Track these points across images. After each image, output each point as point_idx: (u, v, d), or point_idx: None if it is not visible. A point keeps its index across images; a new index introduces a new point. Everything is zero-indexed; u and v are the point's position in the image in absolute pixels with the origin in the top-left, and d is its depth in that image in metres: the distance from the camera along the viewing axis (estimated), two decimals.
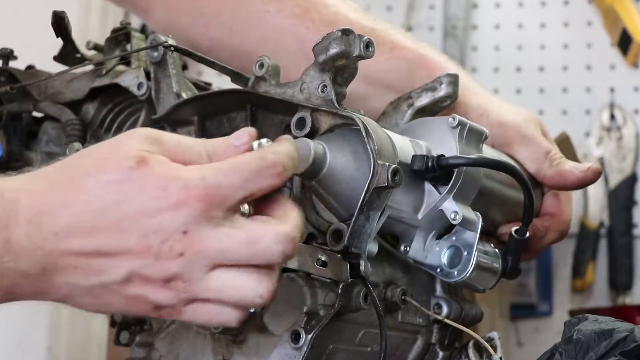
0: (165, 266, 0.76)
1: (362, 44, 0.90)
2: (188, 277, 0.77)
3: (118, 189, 0.76)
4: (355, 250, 0.87)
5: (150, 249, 0.76)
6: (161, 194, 0.76)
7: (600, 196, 2.23)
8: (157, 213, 0.76)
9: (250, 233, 0.77)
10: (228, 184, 0.77)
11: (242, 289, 0.78)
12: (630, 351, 0.82)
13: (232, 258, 0.77)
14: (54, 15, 1.09)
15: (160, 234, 0.76)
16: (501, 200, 1.01)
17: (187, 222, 0.76)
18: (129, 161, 0.77)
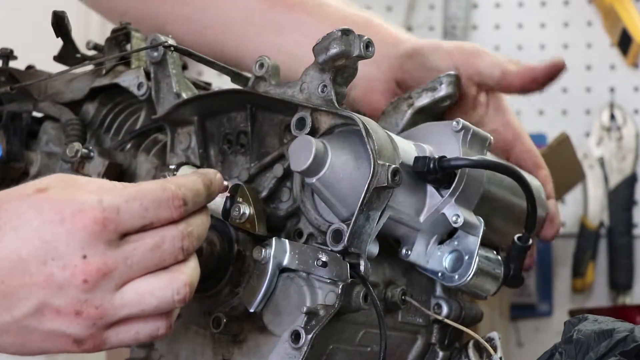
0: (71, 294, 0.75)
1: (362, 44, 0.91)
2: (99, 302, 0.75)
3: (14, 215, 0.75)
4: (355, 251, 0.87)
5: (52, 277, 0.74)
6: (56, 217, 0.75)
7: (600, 196, 2.23)
8: (53, 238, 0.75)
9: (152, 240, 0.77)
10: (126, 210, 0.76)
11: (158, 292, 0.77)
12: (630, 351, 0.82)
13: (139, 269, 0.76)
14: (54, 15, 1.09)
15: (59, 260, 0.74)
16: (504, 207, 1.00)
17: (84, 246, 0.74)
18: (28, 190, 0.77)
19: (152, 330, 0.79)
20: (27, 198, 0.76)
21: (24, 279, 0.75)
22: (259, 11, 1.18)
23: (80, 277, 0.74)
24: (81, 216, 0.75)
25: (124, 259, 0.76)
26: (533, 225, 0.96)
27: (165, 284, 0.78)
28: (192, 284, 0.79)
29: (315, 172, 0.87)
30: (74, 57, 1.15)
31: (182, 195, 0.79)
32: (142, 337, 0.79)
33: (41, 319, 0.76)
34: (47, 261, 0.75)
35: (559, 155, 1.73)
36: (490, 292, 0.96)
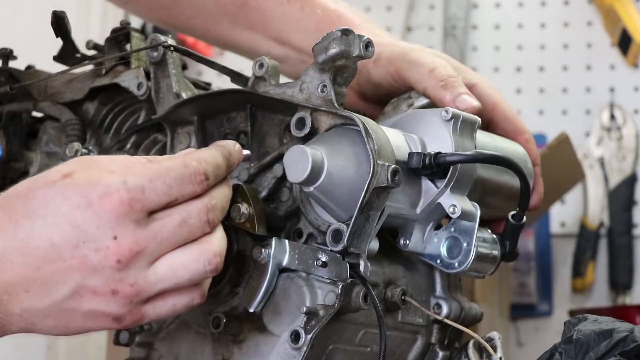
0: (105, 275, 0.77)
1: (362, 44, 0.90)
2: (133, 280, 0.77)
3: (42, 204, 0.77)
4: (355, 251, 0.87)
5: (86, 259, 0.76)
6: (83, 201, 0.76)
7: (600, 196, 2.23)
8: (83, 222, 0.76)
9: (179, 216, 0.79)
10: (151, 189, 0.78)
11: (190, 265, 0.79)
12: (630, 351, 0.82)
13: (169, 245, 0.79)
14: (54, 15, 1.09)
15: (90, 242, 0.76)
16: (496, 186, 1.01)
17: (113, 227, 0.76)
18: (54, 177, 0.78)
19: (187, 301, 0.81)
20: (53, 185, 0.78)
21: (59, 264, 0.76)
22: (233, 6, 1.18)
23: (114, 258, 0.76)
24: (108, 199, 0.76)
25: (153, 236, 0.78)
26: (526, 204, 0.96)
27: (197, 257, 0.80)
28: (221, 253, 0.81)
29: (313, 182, 0.87)
30: (74, 57, 1.15)
31: (204, 170, 0.81)
32: (179, 308, 0.81)
33: (79, 301, 0.77)
34: (79, 245, 0.76)
35: (559, 155, 1.72)
36: (488, 272, 0.96)
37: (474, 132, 0.96)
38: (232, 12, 1.18)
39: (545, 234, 2.25)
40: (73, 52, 1.15)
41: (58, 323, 0.79)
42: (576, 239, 2.23)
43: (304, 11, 1.14)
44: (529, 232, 2.22)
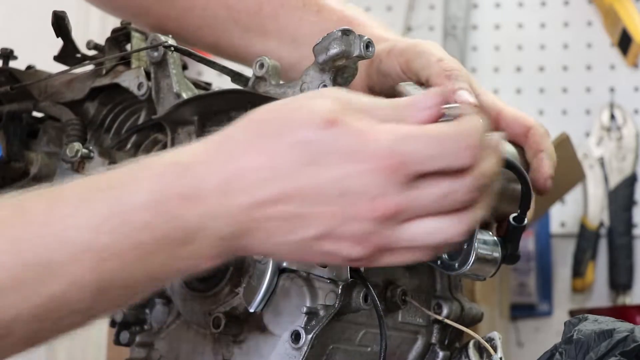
0: (361, 226, 0.77)
1: (363, 44, 0.90)
2: (385, 235, 0.77)
3: (312, 148, 0.77)
4: None
5: (348, 208, 0.76)
6: (352, 157, 0.76)
7: (600, 196, 2.23)
8: (353, 174, 0.76)
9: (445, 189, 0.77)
10: (420, 152, 0.76)
11: (446, 229, 0.78)
12: (630, 351, 0.82)
13: (427, 211, 0.78)
14: (54, 15, 1.09)
15: (351, 197, 0.76)
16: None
17: (382, 184, 0.76)
18: (317, 122, 0.77)
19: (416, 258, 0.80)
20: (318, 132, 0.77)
21: (320, 207, 0.76)
22: (246, 14, 1.18)
23: (375, 213, 0.76)
24: (381, 157, 0.76)
25: (413, 200, 0.77)
26: (527, 205, 0.96)
27: (455, 222, 0.78)
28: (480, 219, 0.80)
29: None
30: (74, 57, 1.15)
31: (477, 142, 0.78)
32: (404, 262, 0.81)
33: (325, 243, 0.78)
34: (346, 194, 0.76)
35: (559, 155, 1.72)
36: (489, 274, 0.96)
37: None
38: (245, 20, 1.18)
39: (545, 234, 2.25)
40: (73, 52, 1.15)
41: (294, 256, 0.81)
42: (576, 239, 2.23)
43: (321, 14, 1.14)
44: (529, 232, 2.22)
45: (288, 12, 1.15)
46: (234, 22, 1.17)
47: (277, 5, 1.16)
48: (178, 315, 1.00)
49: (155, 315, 1.03)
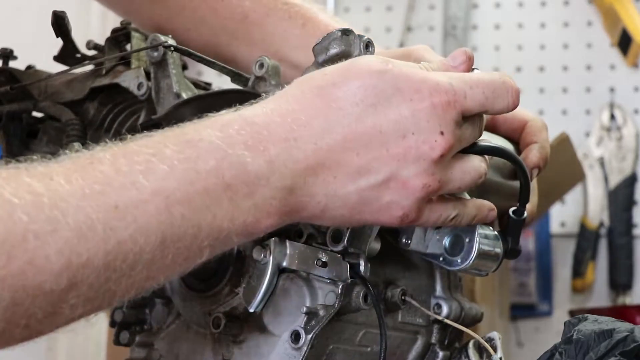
0: (424, 167, 0.79)
1: (362, 44, 0.90)
2: (441, 176, 0.80)
3: (371, 93, 0.79)
4: (355, 251, 0.87)
5: (410, 150, 0.78)
6: (416, 95, 0.79)
7: (600, 196, 2.24)
8: (413, 114, 0.78)
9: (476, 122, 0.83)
10: (472, 95, 0.81)
11: (473, 172, 0.83)
12: (630, 351, 0.82)
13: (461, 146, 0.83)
14: (54, 15, 1.09)
15: (419, 134, 0.78)
16: (495, 185, 1.01)
17: (441, 123, 0.79)
18: (375, 66, 0.80)
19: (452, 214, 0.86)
20: (378, 74, 0.79)
21: (381, 151, 0.78)
22: (232, 21, 1.18)
23: (439, 152, 0.79)
24: (438, 96, 0.79)
25: (460, 137, 0.81)
26: (526, 198, 0.96)
27: (477, 165, 0.84)
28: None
29: None
30: (74, 57, 1.15)
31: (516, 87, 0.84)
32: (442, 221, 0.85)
33: (384, 192, 0.79)
34: (407, 135, 0.78)
35: (559, 155, 1.73)
36: (491, 269, 0.96)
37: None
38: (232, 27, 1.18)
39: (545, 234, 2.26)
40: (73, 52, 1.15)
41: (352, 212, 0.80)
42: (576, 239, 2.24)
43: (305, 28, 1.14)
44: (529, 232, 2.22)
45: (274, 22, 1.16)
46: (221, 28, 1.17)
47: (262, 14, 1.16)
48: (178, 315, 1.00)
49: (155, 315, 1.03)
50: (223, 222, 0.75)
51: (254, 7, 1.17)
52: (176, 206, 0.72)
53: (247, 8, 1.17)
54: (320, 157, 0.78)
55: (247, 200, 0.76)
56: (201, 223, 0.74)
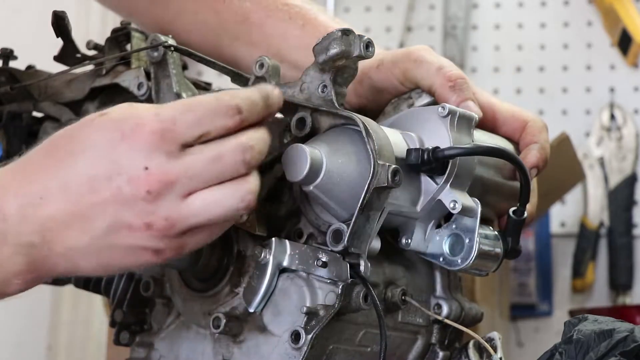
0: (138, 207, 0.78)
1: (362, 44, 0.91)
2: (166, 213, 0.79)
3: (77, 142, 0.80)
4: (356, 251, 0.87)
5: (119, 191, 0.78)
6: (116, 134, 0.79)
7: (600, 196, 2.24)
8: (116, 155, 0.79)
9: (212, 152, 0.80)
10: (182, 120, 0.79)
11: (223, 201, 0.80)
12: (630, 351, 0.82)
13: (201, 180, 0.79)
14: (54, 15, 1.09)
15: (123, 174, 0.78)
16: (495, 185, 1.01)
17: (145, 157, 0.78)
18: (92, 116, 0.81)
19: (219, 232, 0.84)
20: (91, 122, 0.81)
21: (95, 197, 0.79)
22: (233, 22, 1.18)
23: (144, 188, 0.78)
24: (140, 130, 0.78)
25: (185, 170, 0.79)
26: (526, 198, 0.96)
27: (230, 193, 0.80)
28: (255, 192, 0.82)
29: (312, 180, 0.87)
30: (74, 57, 1.15)
31: (236, 104, 0.81)
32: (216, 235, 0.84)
33: (117, 236, 0.80)
34: (113, 177, 0.79)
35: (559, 155, 1.73)
36: (491, 269, 0.96)
37: (471, 128, 0.96)
38: (233, 28, 1.18)
39: (545, 234, 2.26)
40: (73, 52, 1.15)
41: (100, 261, 0.81)
42: (576, 239, 2.23)
43: (305, 29, 1.14)
44: (529, 232, 2.22)
45: (274, 23, 1.16)
46: (222, 29, 1.18)
47: (263, 15, 1.16)
48: (178, 315, 1.00)
49: (155, 315, 1.03)
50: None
51: (254, 9, 1.17)
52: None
53: (247, 9, 1.17)
54: (47, 211, 0.80)
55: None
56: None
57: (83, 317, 2.06)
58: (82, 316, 2.06)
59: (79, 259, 0.81)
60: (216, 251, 0.95)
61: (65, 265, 0.82)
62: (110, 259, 0.81)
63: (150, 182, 0.78)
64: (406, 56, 1.04)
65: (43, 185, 0.80)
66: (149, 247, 0.80)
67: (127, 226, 0.79)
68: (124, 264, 0.82)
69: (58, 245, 0.80)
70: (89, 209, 0.79)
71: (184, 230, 0.80)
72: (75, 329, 2.06)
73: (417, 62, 1.03)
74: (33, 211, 0.80)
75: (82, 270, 0.83)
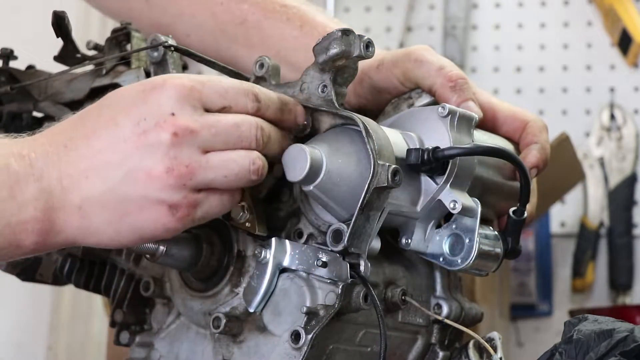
0: (161, 151, 0.81)
1: (362, 44, 0.91)
2: (187, 161, 0.82)
3: (106, 100, 0.85)
4: (356, 251, 0.87)
5: (144, 135, 0.81)
6: (148, 86, 0.84)
7: (600, 196, 2.24)
8: (145, 102, 0.82)
9: (233, 119, 0.85)
10: (210, 86, 0.85)
11: (238, 160, 0.84)
12: (630, 351, 0.82)
13: (221, 140, 0.84)
14: (54, 15, 1.09)
15: (150, 119, 0.82)
16: (495, 185, 1.01)
17: (174, 105, 0.82)
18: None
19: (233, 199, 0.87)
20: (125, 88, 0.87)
21: (119, 144, 0.82)
22: (231, 25, 1.19)
23: (170, 130, 0.81)
24: (171, 81, 0.83)
25: (208, 126, 0.83)
26: (526, 198, 0.96)
27: (243, 154, 0.85)
28: (264, 163, 0.86)
29: (312, 180, 0.87)
30: (74, 57, 1.15)
31: (255, 92, 0.87)
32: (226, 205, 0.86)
33: (134, 185, 0.81)
34: (140, 122, 0.82)
35: (559, 155, 1.73)
36: (491, 269, 0.96)
37: (471, 128, 0.96)
38: (231, 31, 1.19)
39: (545, 234, 2.26)
40: (73, 52, 1.15)
41: (113, 217, 0.82)
42: (576, 239, 2.23)
43: (303, 29, 1.14)
44: (529, 232, 2.22)
45: (272, 24, 1.16)
46: (220, 32, 1.18)
47: (260, 17, 1.17)
48: (178, 315, 1.00)
49: (155, 315, 1.03)
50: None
51: (252, 10, 1.17)
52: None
53: (245, 11, 1.17)
54: (69, 160, 0.82)
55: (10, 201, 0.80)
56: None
57: (83, 317, 2.06)
58: (82, 316, 2.06)
59: (92, 213, 0.82)
60: (216, 251, 0.95)
61: (77, 222, 0.82)
62: (124, 214, 0.82)
63: (177, 125, 0.81)
64: (406, 56, 1.04)
65: (69, 136, 0.83)
66: (165, 200, 0.81)
67: (146, 172, 0.81)
68: (138, 224, 0.83)
69: (74, 195, 0.82)
70: (111, 156, 0.81)
71: (201, 183, 0.83)
72: (75, 329, 2.05)
73: (418, 62, 1.03)
74: (57, 158, 0.82)
75: (94, 230, 0.83)
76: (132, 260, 1.05)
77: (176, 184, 0.82)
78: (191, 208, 0.83)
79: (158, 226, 0.83)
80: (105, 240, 0.84)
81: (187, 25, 1.20)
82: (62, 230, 0.83)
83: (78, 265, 1.07)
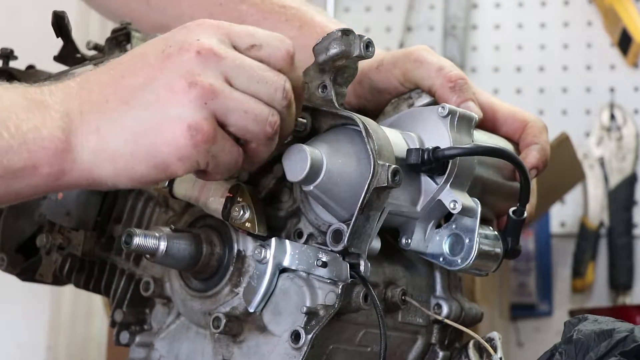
0: (185, 67, 0.81)
1: (362, 44, 0.91)
2: (212, 80, 0.81)
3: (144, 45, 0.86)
4: (356, 251, 0.87)
5: (169, 57, 0.82)
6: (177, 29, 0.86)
7: (600, 196, 2.24)
8: (172, 35, 0.84)
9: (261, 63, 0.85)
10: (240, 27, 0.86)
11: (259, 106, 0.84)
12: (630, 351, 0.82)
13: (246, 76, 0.83)
14: (54, 15, 1.09)
15: (175, 45, 0.83)
16: (495, 185, 1.01)
17: (199, 34, 0.83)
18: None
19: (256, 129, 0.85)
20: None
21: (143, 69, 0.83)
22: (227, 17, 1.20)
23: (195, 49, 0.82)
24: (201, 22, 0.85)
25: (233, 58, 0.83)
26: (526, 198, 0.96)
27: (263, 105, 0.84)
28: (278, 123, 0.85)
29: (312, 180, 0.87)
30: (74, 57, 1.15)
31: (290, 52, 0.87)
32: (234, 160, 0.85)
33: (156, 103, 0.81)
34: (165, 49, 0.83)
35: (559, 155, 1.73)
36: (491, 269, 0.96)
37: (471, 128, 0.96)
38: None
39: (545, 234, 2.26)
40: (73, 52, 1.15)
41: (131, 137, 0.81)
42: (576, 239, 2.24)
43: (302, 30, 1.14)
44: (529, 232, 2.22)
45: (271, 25, 1.16)
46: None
47: (259, 18, 1.17)
48: (178, 315, 1.00)
49: (155, 315, 1.03)
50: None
51: (250, 11, 1.17)
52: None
53: (244, 12, 1.17)
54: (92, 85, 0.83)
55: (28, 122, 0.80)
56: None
57: (83, 317, 2.06)
58: (82, 316, 2.06)
59: (110, 134, 0.81)
60: (216, 251, 0.95)
61: (94, 145, 0.81)
62: (141, 135, 0.81)
63: (201, 46, 0.82)
64: (406, 56, 1.04)
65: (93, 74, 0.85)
66: (185, 117, 0.80)
67: (169, 88, 0.81)
68: (154, 146, 0.81)
69: (93, 116, 0.81)
70: (134, 79, 0.82)
71: (222, 109, 0.82)
72: (75, 329, 2.05)
73: (417, 63, 1.03)
74: (78, 89, 0.83)
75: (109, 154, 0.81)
76: (132, 260, 1.05)
77: (197, 100, 0.81)
78: (208, 136, 0.81)
79: (172, 150, 0.81)
80: (120, 168, 0.82)
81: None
82: (78, 157, 0.81)
83: (78, 265, 1.07)
